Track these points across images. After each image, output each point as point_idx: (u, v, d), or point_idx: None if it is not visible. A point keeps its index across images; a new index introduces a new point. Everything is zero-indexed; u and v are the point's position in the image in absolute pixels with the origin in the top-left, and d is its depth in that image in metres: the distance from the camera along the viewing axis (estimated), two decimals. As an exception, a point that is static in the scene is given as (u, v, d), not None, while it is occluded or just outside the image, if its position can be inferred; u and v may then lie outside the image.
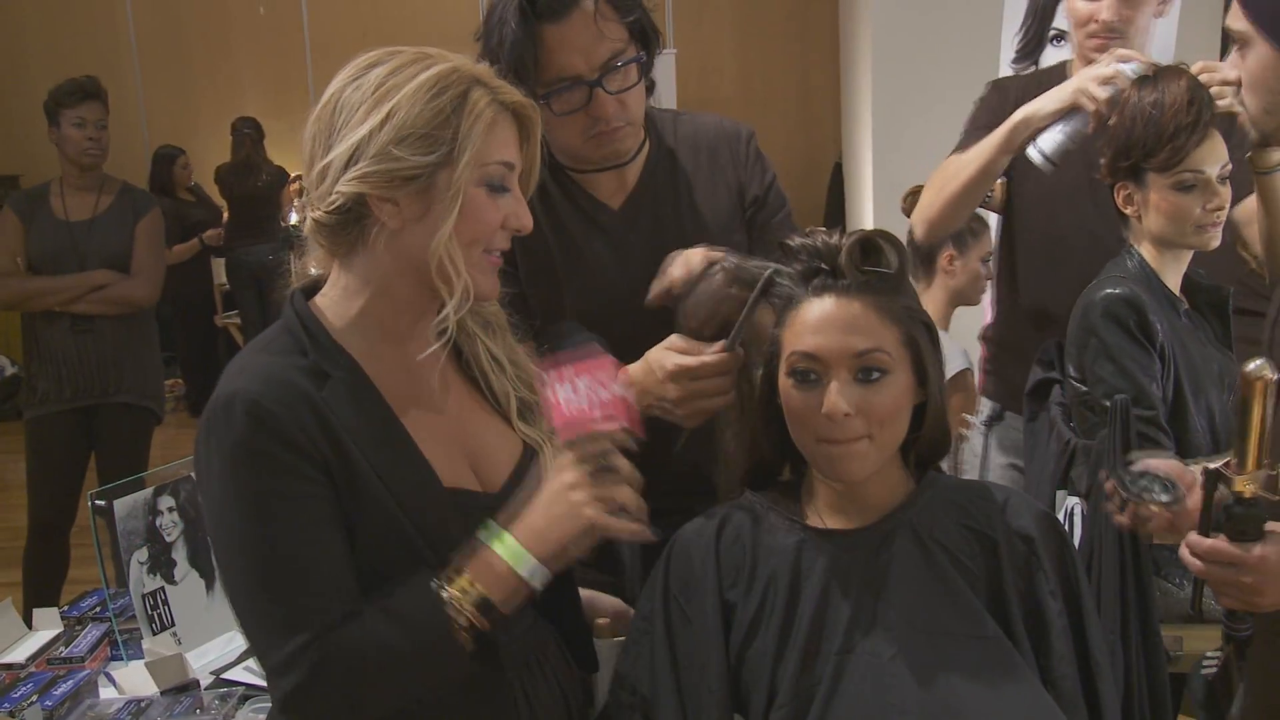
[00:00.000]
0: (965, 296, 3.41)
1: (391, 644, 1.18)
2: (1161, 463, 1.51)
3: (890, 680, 1.27)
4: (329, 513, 1.19)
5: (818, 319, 1.31)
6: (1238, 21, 1.43)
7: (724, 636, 1.33)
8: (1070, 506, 2.12)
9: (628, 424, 1.21)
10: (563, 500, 1.22)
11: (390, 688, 1.19)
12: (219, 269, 7.16)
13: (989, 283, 3.20)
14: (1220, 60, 1.94)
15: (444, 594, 1.21)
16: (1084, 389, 2.13)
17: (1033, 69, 3.79)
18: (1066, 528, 2.00)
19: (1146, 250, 2.18)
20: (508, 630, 1.25)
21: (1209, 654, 1.63)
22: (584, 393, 1.22)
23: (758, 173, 1.83)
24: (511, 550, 1.22)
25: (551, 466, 1.27)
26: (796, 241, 1.37)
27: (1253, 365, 1.27)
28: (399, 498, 1.21)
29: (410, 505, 1.21)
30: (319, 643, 1.16)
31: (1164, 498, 1.46)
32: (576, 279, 1.77)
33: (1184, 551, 1.36)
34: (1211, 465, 1.35)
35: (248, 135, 7.37)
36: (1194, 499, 1.42)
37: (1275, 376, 1.26)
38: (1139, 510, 1.47)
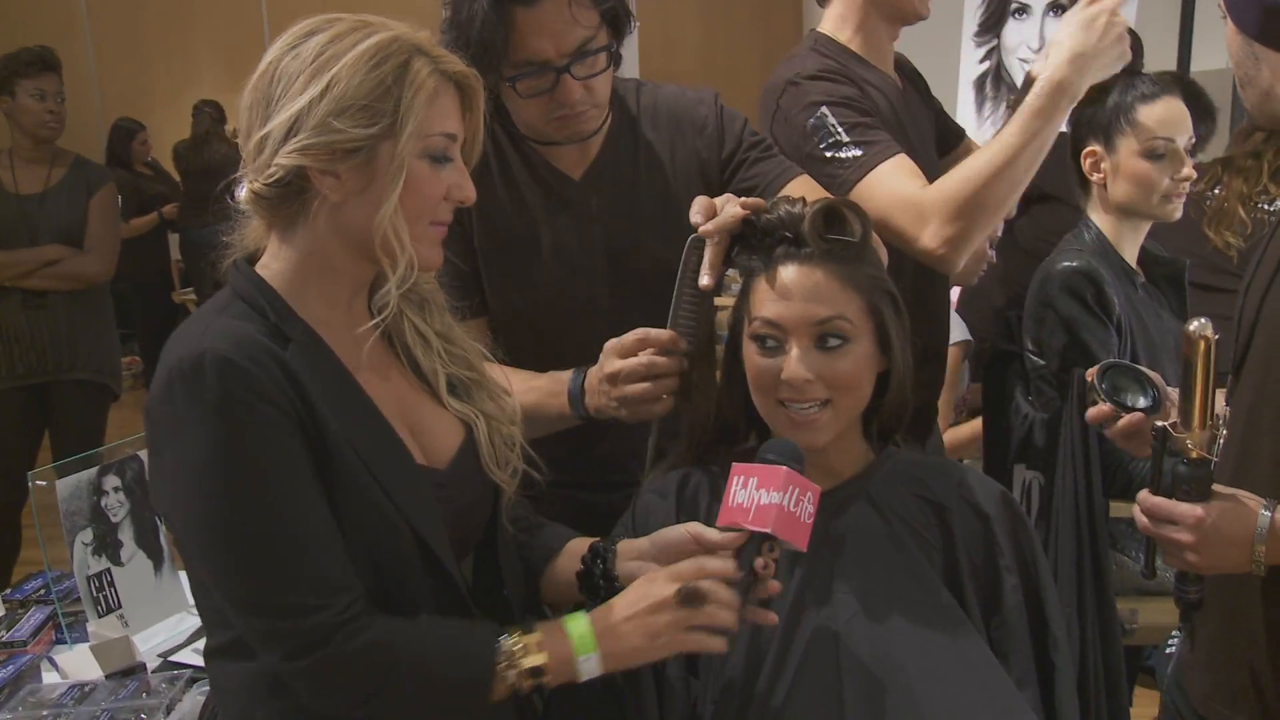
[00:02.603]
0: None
1: (429, 658, 1.17)
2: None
3: (843, 642, 1.27)
4: (315, 478, 1.16)
5: (780, 287, 1.32)
6: None
7: None
8: (1028, 480, 2.13)
9: (774, 530, 1.19)
10: (643, 618, 1.20)
11: (406, 698, 1.17)
12: (176, 245, 7.05)
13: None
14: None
15: (505, 642, 1.20)
16: (1041, 362, 2.14)
17: (995, 43, 3.74)
18: (1024, 502, 2.07)
19: (1104, 222, 2.19)
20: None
21: (1175, 632, 1.64)
22: (750, 492, 1.22)
23: (730, 130, 1.78)
24: (581, 637, 1.21)
25: (651, 577, 1.25)
26: (760, 216, 1.37)
27: (1194, 324, 1.27)
28: (374, 471, 1.18)
29: (388, 480, 1.19)
30: (351, 623, 1.13)
31: (1143, 403, 1.47)
32: (536, 250, 1.73)
33: (1134, 508, 1.37)
34: (1160, 422, 1.35)
35: (208, 113, 7.24)
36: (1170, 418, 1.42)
37: (1216, 335, 1.27)
38: (1107, 411, 1.48)
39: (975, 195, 1.72)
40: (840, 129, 1.85)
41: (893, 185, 1.80)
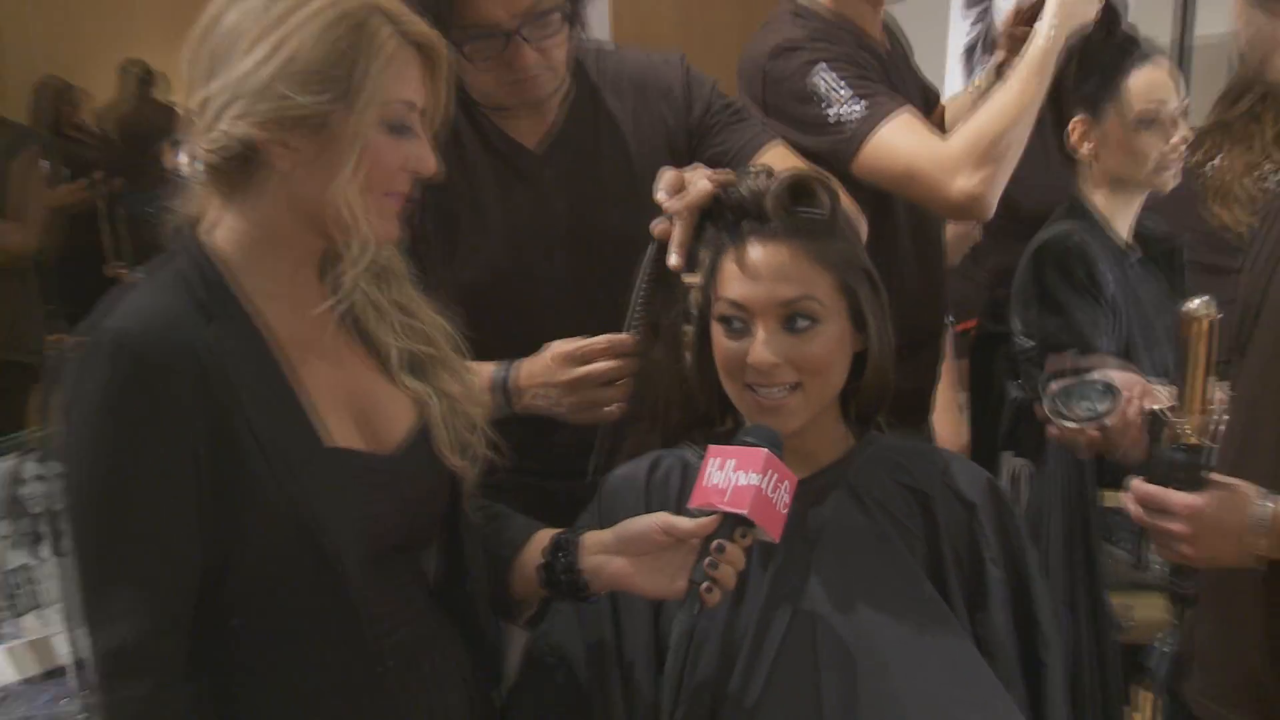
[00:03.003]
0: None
1: None
2: (1099, 363, 1.52)
3: (820, 639, 1.28)
4: (188, 503, 1.14)
5: (745, 266, 1.32)
6: None
7: None
8: (1016, 469, 2.14)
9: (750, 513, 1.21)
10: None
11: None
12: (110, 214, 6.94)
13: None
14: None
15: None
16: (1029, 344, 2.13)
17: (986, 8, 3.79)
18: (1012, 491, 2.08)
19: (1095, 194, 2.17)
20: (379, 624, 1.23)
21: (1171, 627, 1.60)
22: (727, 474, 1.23)
23: (698, 93, 1.78)
24: None
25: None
26: (727, 190, 1.37)
27: (1193, 303, 1.28)
28: (271, 457, 1.16)
29: (283, 464, 1.17)
30: (162, 680, 1.14)
31: (1100, 406, 1.48)
32: (485, 225, 1.73)
33: (1126, 496, 1.37)
34: (1154, 406, 1.36)
35: (134, 74, 7.11)
36: (1133, 410, 1.43)
37: (1218, 315, 1.28)
38: (1065, 431, 1.49)
39: (999, 139, 1.77)
40: (841, 85, 1.86)
41: (912, 139, 1.82)
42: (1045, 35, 1.80)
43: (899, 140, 1.83)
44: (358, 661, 1.22)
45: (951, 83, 4.27)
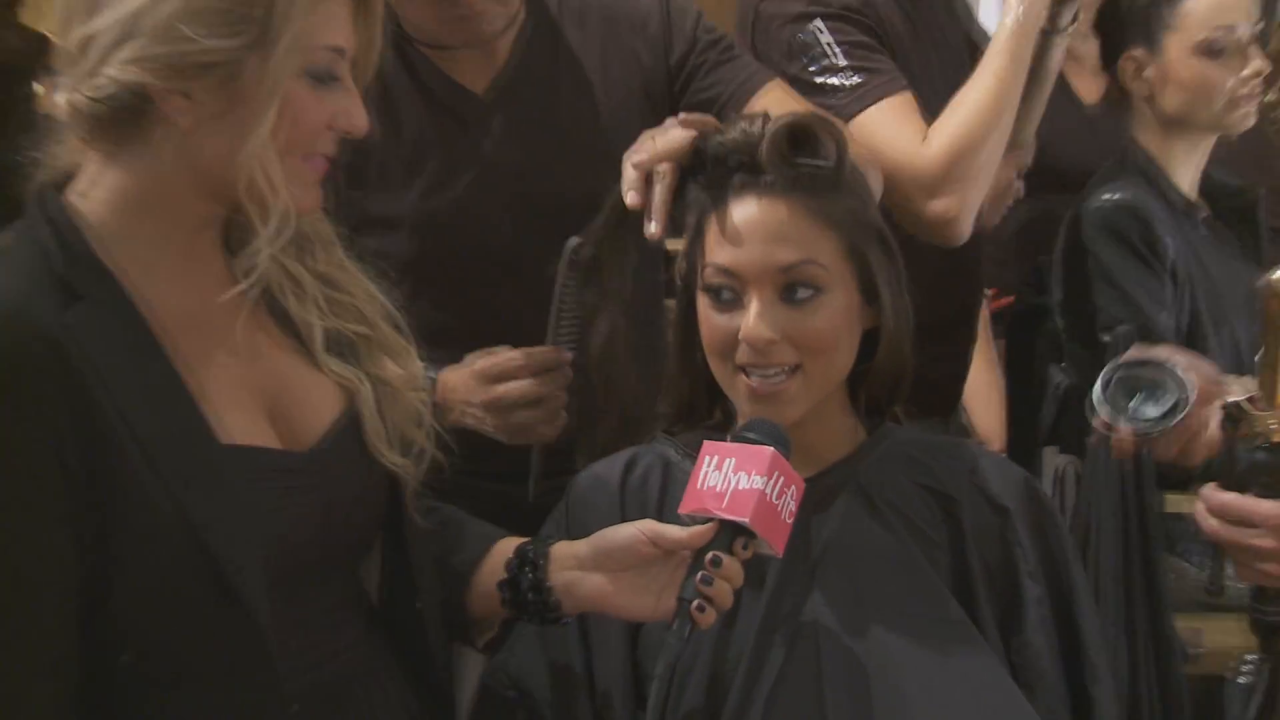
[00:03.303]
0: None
1: None
2: (1167, 354, 1.46)
3: (825, 664, 1.26)
4: (62, 532, 1.08)
5: (736, 226, 1.29)
6: None
7: None
8: (1061, 467, 2.09)
9: (751, 522, 1.18)
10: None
11: None
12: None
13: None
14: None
15: None
16: (1076, 321, 2.10)
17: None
18: (1057, 493, 2.06)
19: (1153, 142, 2.11)
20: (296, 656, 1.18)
21: (1248, 655, 1.56)
22: (726, 475, 1.21)
23: (679, 28, 1.71)
24: None
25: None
26: (710, 139, 1.34)
27: (1275, 274, 1.25)
28: (154, 458, 1.10)
29: (169, 466, 1.11)
30: None
31: (1153, 412, 1.41)
32: (414, 184, 1.66)
33: (1198, 506, 1.31)
34: (1232, 397, 1.31)
35: None
36: (1208, 411, 1.39)
37: None
38: (1121, 440, 1.43)
39: (978, 148, 1.72)
40: (836, 50, 1.79)
41: (895, 135, 1.76)
42: (1014, 12, 1.72)
43: (882, 132, 1.75)
44: (267, 707, 1.17)
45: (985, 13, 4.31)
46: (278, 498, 1.18)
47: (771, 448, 1.20)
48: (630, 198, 1.37)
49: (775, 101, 1.63)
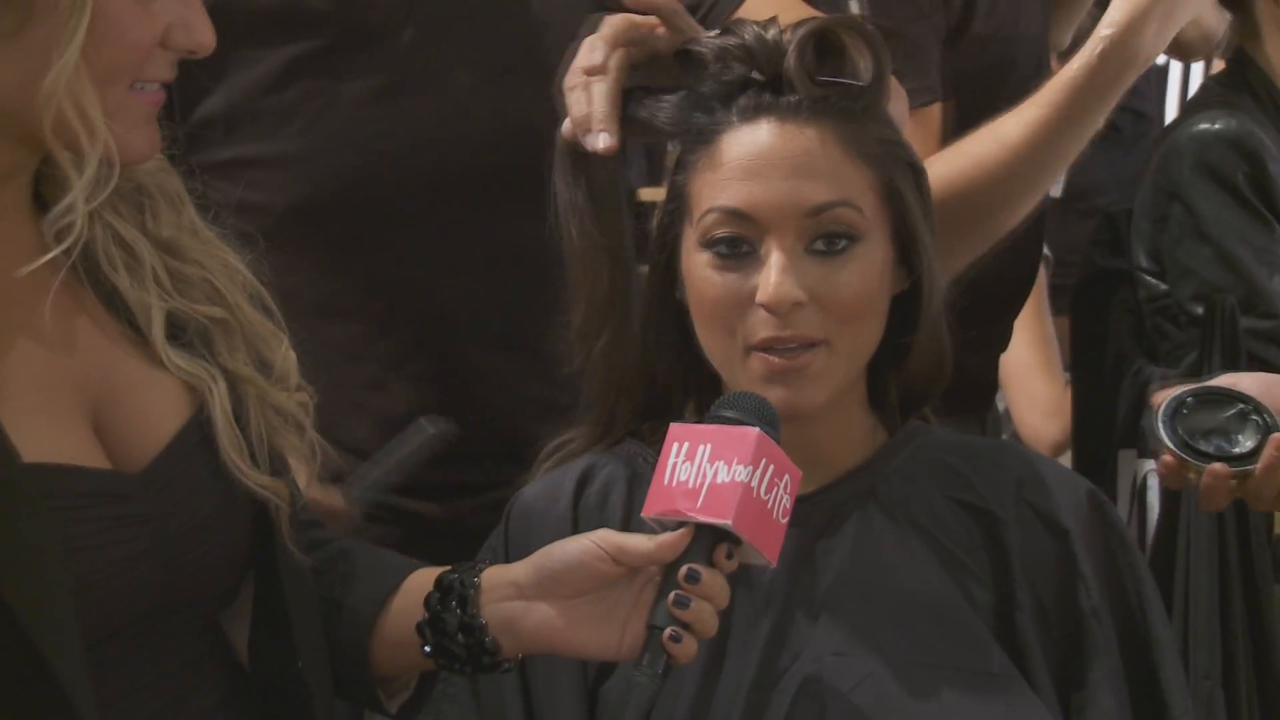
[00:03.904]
0: None
1: None
2: (1251, 380, 1.45)
3: None
4: None
5: (749, 157, 1.25)
6: None
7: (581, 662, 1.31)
8: (1143, 476, 2.02)
9: (735, 525, 1.14)
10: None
11: None
12: None
13: None
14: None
15: None
16: (1163, 287, 2.04)
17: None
18: (1134, 510, 2.00)
19: (1271, 57, 2.04)
20: None
21: None
22: (700, 466, 1.17)
23: None
24: None
25: None
26: (711, 43, 1.31)
27: None
28: None
29: None
30: None
31: (1247, 444, 1.38)
32: (305, 124, 1.61)
33: None
34: None
35: None
36: None
37: None
38: (1190, 476, 1.41)
39: (960, 207, 1.58)
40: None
41: None
42: (1093, 49, 1.55)
43: None
44: None
45: None
46: (100, 531, 1.13)
47: (757, 428, 1.16)
48: (565, 126, 1.34)
49: (775, 4, 1.55)
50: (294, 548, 1.27)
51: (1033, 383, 2.38)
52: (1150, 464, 1.98)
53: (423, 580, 1.29)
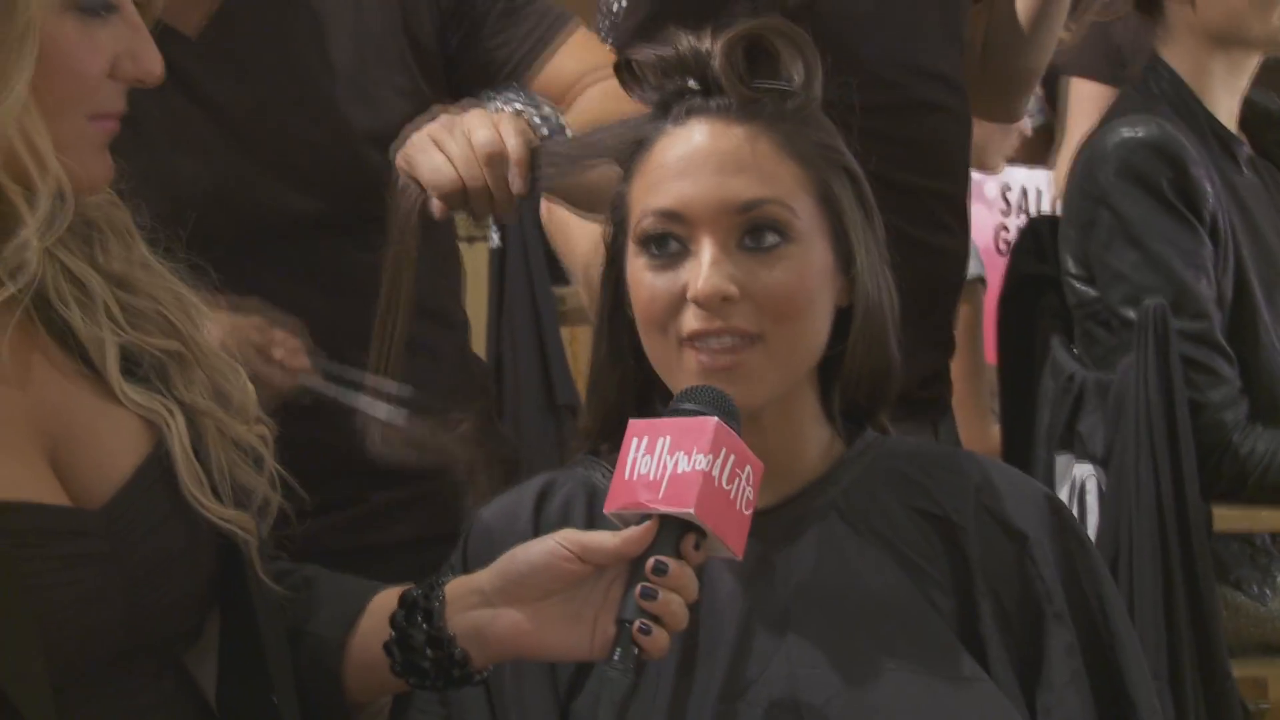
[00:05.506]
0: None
1: None
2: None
3: None
4: None
5: (679, 158, 1.28)
6: None
7: (550, 675, 1.30)
8: (1080, 479, 2.06)
9: (697, 512, 1.14)
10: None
11: None
12: None
13: None
14: None
15: None
16: (1093, 293, 2.08)
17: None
18: (1075, 512, 1.98)
19: (1185, 62, 2.09)
20: None
21: None
22: (660, 458, 1.18)
23: None
24: None
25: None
26: (648, 55, 1.33)
27: None
28: None
29: None
30: None
31: None
32: (143, 148, 1.56)
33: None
34: None
35: None
36: None
37: None
38: None
39: None
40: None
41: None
42: None
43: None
44: None
45: None
46: (60, 570, 1.13)
47: (715, 418, 1.17)
48: (435, 206, 1.39)
49: (578, 57, 1.66)
50: (266, 579, 1.28)
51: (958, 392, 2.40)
52: (1088, 468, 2.03)
53: (387, 600, 1.29)
